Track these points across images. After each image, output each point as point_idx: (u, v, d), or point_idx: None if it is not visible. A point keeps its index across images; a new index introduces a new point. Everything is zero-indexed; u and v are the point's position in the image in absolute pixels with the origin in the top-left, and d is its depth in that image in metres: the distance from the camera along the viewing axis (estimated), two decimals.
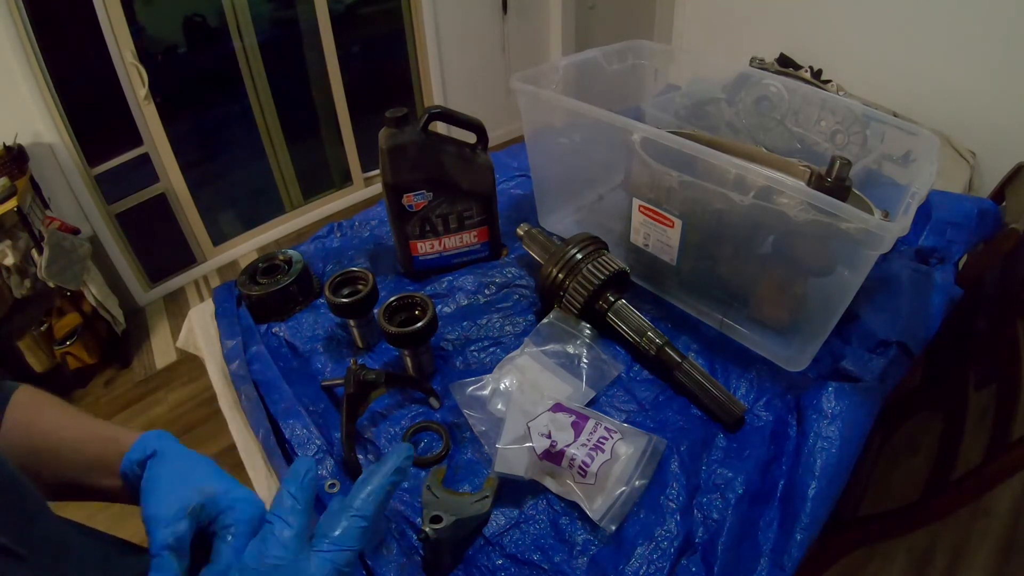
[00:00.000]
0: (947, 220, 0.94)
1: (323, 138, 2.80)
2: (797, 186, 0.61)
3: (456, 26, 2.76)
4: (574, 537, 0.56)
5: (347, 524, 0.35)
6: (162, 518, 0.35)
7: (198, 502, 0.37)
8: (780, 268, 0.71)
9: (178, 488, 0.37)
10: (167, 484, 0.38)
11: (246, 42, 2.32)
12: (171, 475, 0.38)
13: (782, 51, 2.43)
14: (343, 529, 0.35)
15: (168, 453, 0.40)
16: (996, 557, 1.28)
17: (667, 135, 0.69)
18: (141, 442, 0.40)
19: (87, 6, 1.87)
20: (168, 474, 0.38)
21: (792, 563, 0.53)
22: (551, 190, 0.99)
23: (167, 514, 0.35)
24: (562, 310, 0.77)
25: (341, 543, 0.35)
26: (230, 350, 0.79)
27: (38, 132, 1.92)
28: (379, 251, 0.98)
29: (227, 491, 0.38)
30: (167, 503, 0.36)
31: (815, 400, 0.66)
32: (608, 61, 0.98)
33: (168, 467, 0.39)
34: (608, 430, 0.60)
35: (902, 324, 0.75)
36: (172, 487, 0.37)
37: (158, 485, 0.37)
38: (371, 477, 0.38)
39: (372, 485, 0.37)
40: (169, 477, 0.38)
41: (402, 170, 0.81)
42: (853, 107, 0.85)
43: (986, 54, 1.93)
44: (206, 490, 0.38)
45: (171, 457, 0.40)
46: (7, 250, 1.73)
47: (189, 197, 2.38)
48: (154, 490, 0.37)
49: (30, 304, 1.86)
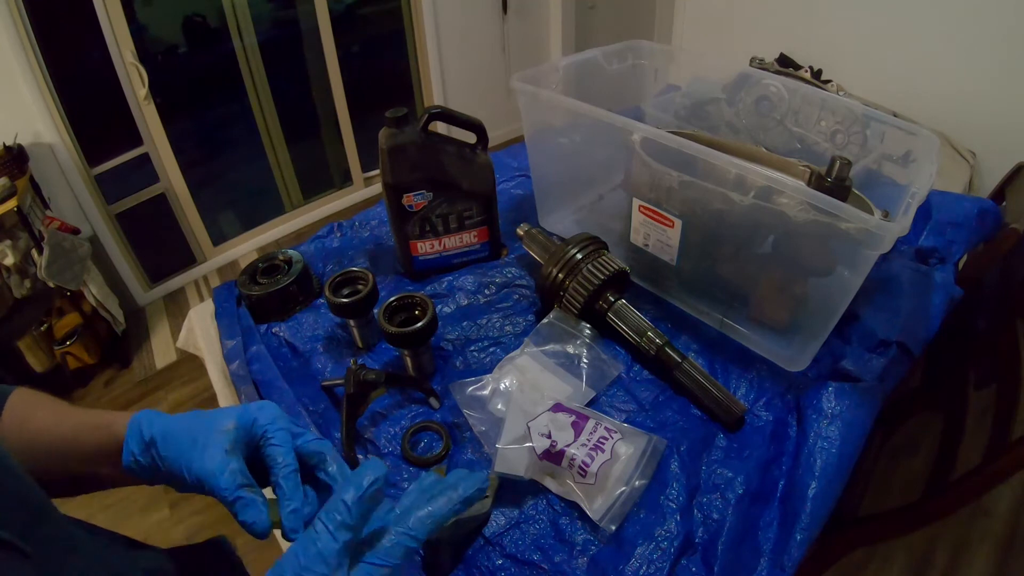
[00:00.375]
0: (947, 220, 0.94)
1: (323, 138, 2.80)
2: (797, 186, 0.60)
3: (456, 26, 2.76)
4: (574, 537, 0.56)
5: (396, 540, 0.34)
6: (214, 470, 0.37)
7: (229, 440, 0.38)
8: (780, 268, 0.71)
9: (202, 444, 0.38)
10: (190, 449, 0.38)
11: (246, 42, 2.32)
12: (185, 443, 0.39)
13: (782, 51, 2.43)
14: (391, 544, 0.34)
15: (167, 431, 0.40)
16: (996, 557, 1.28)
17: (667, 135, 0.69)
18: (133, 430, 0.40)
19: (87, 6, 1.87)
20: (182, 444, 0.39)
21: (792, 563, 0.53)
22: (551, 190, 0.99)
23: (214, 465, 0.37)
24: (562, 310, 0.77)
25: (385, 559, 0.34)
26: (230, 350, 0.79)
27: (38, 132, 1.92)
28: (379, 251, 0.98)
29: (236, 416, 0.40)
30: (208, 458, 0.37)
31: (815, 400, 0.66)
32: (608, 61, 0.98)
33: (177, 440, 0.39)
34: (608, 430, 0.60)
35: (902, 324, 0.75)
36: (197, 448, 0.38)
37: (184, 457, 0.38)
38: (436, 499, 0.36)
39: (434, 507, 0.35)
40: (186, 445, 0.39)
41: (402, 170, 0.81)
42: (853, 107, 0.85)
43: (986, 54, 1.93)
44: (224, 427, 0.39)
45: (172, 431, 0.40)
46: (7, 250, 1.73)
47: (189, 197, 2.39)
48: (186, 462, 0.38)
49: (30, 304, 1.86)
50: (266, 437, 0.40)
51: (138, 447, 0.39)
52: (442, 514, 0.36)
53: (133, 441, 0.40)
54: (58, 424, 0.43)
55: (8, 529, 0.29)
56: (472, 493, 0.37)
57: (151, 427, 0.40)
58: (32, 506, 0.32)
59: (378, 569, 0.33)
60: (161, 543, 0.48)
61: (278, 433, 0.40)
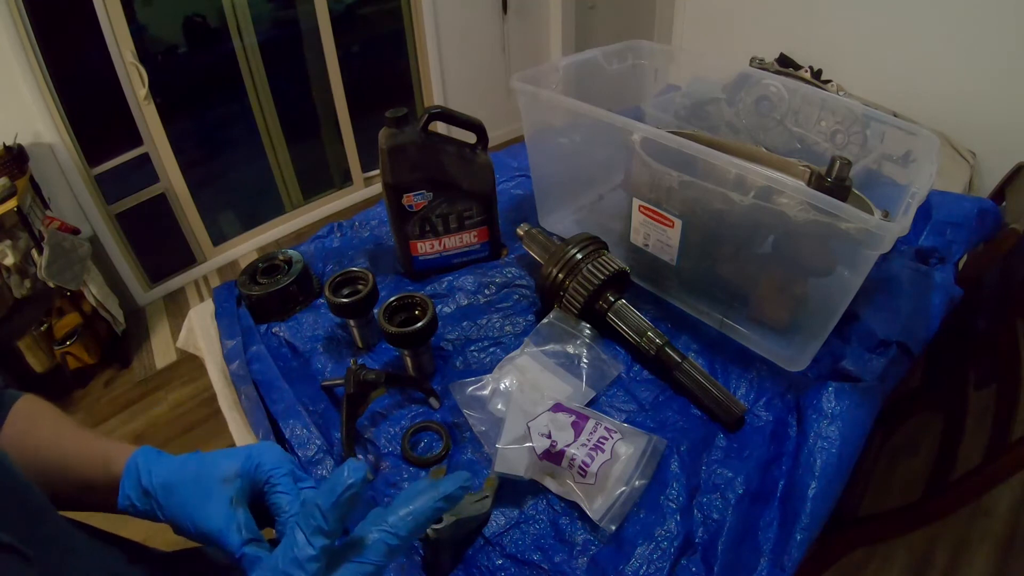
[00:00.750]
0: (947, 220, 0.94)
1: (323, 138, 2.80)
2: (797, 186, 0.60)
3: (456, 26, 2.76)
4: (574, 537, 0.56)
5: (377, 538, 0.34)
6: (220, 527, 0.37)
7: (234, 491, 0.39)
8: (780, 268, 0.71)
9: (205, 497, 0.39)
10: (194, 503, 0.39)
11: (246, 42, 2.32)
12: (188, 496, 0.39)
13: (782, 51, 2.43)
14: (373, 542, 0.34)
15: (168, 483, 0.40)
16: (996, 557, 1.28)
17: (667, 135, 0.69)
18: (130, 474, 0.40)
19: (87, 6, 1.87)
20: (185, 497, 0.39)
21: (792, 563, 0.53)
22: (551, 190, 0.99)
23: (220, 521, 0.37)
24: (562, 310, 0.77)
25: (367, 556, 0.34)
26: (230, 350, 0.79)
27: (38, 132, 1.92)
28: (379, 251, 0.98)
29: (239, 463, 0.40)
30: (213, 513, 0.38)
31: (815, 400, 0.66)
32: (608, 61, 0.98)
33: (179, 492, 0.39)
34: (608, 430, 0.60)
35: (902, 324, 0.75)
36: (201, 502, 0.39)
37: (188, 510, 0.39)
38: (418, 496, 0.36)
39: (415, 505, 0.35)
40: (189, 498, 0.39)
41: (402, 170, 0.81)
42: (853, 107, 0.85)
43: (986, 54, 1.93)
44: (226, 476, 0.39)
45: (173, 484, 0.40)
46: (7, 250, 1.73)
47: (189, 197, 2.39)
48: (191, 516, 0.38)
49: (30, 304, 1.86)
50: (271, 484, 0.40)
51: (135, 492, 0.39)
52: (423, 512, 0.35)
53: (130, 486, 0.40)
54: (55, 445, 0.43)
55: (8, 531, 0.29)
56: (454, 491, 0.37)
57: (150, 476, 0.40)
58: (32, 507, 0.33)
59: (361, 567, 0.33)
60: (160, 545, 0.48)
61: (283, 480, 0.40)
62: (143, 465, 0.40)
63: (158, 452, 0.42)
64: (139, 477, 0.39)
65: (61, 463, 0.42)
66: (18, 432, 0.43)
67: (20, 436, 0.42)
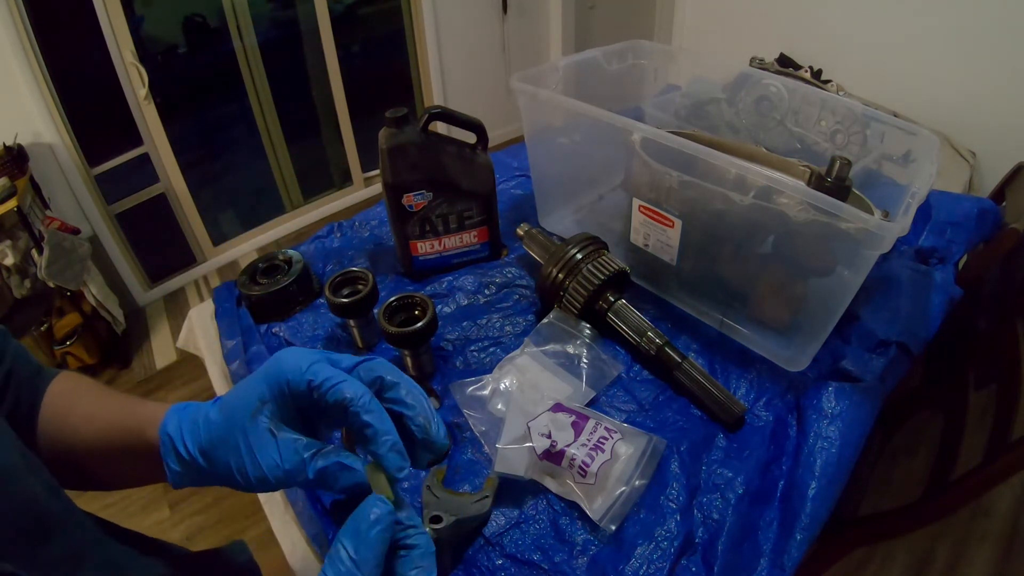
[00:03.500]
0: (947, 220, 0.94)
1: (323, 138, 2.80)
2: (797, 186, 0.61)
3: (456, 26, 2.76)
4: (574, 537, 0.56)
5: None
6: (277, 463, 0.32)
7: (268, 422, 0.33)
8: (780, 268, 0.71)
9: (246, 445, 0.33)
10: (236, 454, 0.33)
11: (246, 42, 2.32)
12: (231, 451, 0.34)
13: (782, 51, 2.43)
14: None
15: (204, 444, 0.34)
16: (996, 557, 1.28)
17: (667, 135, 0.69)
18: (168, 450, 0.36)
19: (87, 6, 1.87)
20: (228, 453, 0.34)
21: (792, 563, 0.54)
22: (551, 190, 0.99)
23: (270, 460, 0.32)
24: (562, 310, 0.77)
25: None
26: (230, 350, 0.79)
27: (38, 132, 1.92)
28: (379, 251, 0.98)
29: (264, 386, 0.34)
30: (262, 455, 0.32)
31: (815, 400, 0.66)
32: (608, 61, 0.98)
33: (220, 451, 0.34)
34: (608, 430, 0.60)
35: (902, 324, 0.75)
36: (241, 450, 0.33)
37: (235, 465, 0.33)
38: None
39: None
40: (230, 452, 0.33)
41: (402, 170, 0.81)
42: (853, 107, 0.85)
43: (986, 54, 1.93)
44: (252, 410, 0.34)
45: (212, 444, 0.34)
46: (7, 250, 1.73)
47: (189, 197, 2.39)
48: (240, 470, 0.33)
49: (30, 304, 1.86)
50: (314, 385, 0.34)
51: (178, 464, 0.36)
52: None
53: (170, 458, 0.36)
54: (93, 416, 0.40)
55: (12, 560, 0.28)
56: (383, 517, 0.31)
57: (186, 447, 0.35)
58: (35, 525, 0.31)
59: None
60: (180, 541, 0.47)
61: (319, 371, 0.34)
62: (175, 435, 0.35)
63: (185, 407, 0.37)
64: (175, 447, 0.35)
65: (103, 440, 0.39)
66: (62, 409, 0.40)
67: (59, 416, 0.40)
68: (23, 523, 0.30)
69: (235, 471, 0.33)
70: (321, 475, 0.32)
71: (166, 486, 0.39)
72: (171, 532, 1.55)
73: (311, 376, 0.34)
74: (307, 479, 0.32)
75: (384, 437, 0.33)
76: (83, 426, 0.39)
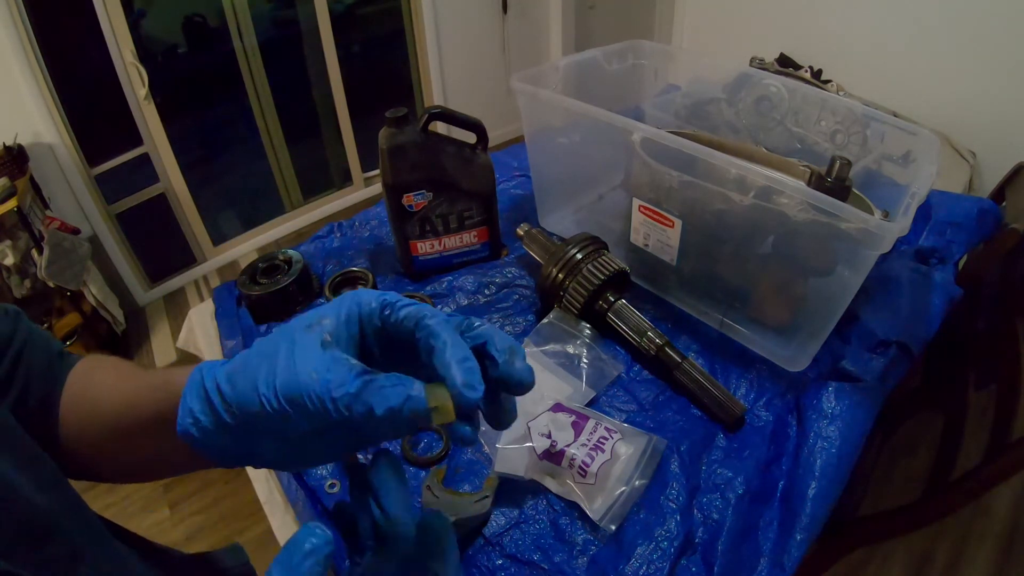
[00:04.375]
0: (947, 220, 0.94)
1: (323, 138, 2.80)
2: (797, 186, 0.61)
3: (456, 26, 2.76)
4: (574, 537, 0.56)
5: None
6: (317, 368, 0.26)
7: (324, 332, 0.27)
8: (780, 268, 0.71)
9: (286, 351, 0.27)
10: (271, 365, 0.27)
11: (246, 42, 2.32)
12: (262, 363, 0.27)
13: (782, 51, 2.43)
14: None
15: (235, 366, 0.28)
16: (996, 557, 1.28)
17: (667, 135, 0.69)
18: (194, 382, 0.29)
19: (87, 6, 1.87)
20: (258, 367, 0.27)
21: (792, 563, 0.54)
22: (551, 190, 0.99)
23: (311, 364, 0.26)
24: (562, 310, 0.77)
25: None
26: (230, 350, 0.79)
27: (38, 132, 1.92)
28: (379, 251, 0.98)
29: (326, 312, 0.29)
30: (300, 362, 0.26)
31: (815, 400, 0.66)
32: (608, 61, 0.98)
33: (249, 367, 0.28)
34: (608, 430, 0.60)
35: (902, 324, 0.75)
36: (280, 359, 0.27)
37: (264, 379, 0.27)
38: None
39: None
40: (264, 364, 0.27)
41: (402, 170, 0.81)
42: (853, 107, 0.85)
43: (986, 54, 1.93)
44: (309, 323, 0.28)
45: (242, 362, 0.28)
46: (7, 250, 1.73)
47: (189, 197, 2.38)
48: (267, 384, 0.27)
49: (30, 304, 1.86)
50: (389, 303, 0.29)
51: (199, 404, 0.29)
52: None
53: (192, 396, 0.29)
54: (117, 387, 0.35)
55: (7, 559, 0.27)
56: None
57: (215, 371, 0.29)
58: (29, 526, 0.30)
59: None
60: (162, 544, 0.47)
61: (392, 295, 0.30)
62: (207, 369, 0.29)
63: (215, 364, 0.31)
64: (203, 383, 0.29)
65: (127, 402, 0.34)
66: (79, 390, 0.37)
67: (81, 393, 0.36)
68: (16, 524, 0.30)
69: (261, 381, 0.27)
70: (366, 386, 0.26)
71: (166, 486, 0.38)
72: (171, 532, 1.55)
73: (385, 297, 0.30)
74: (347, 393, 0.25)
75: (456, 349, 0.27)
76: (105, 397, 0.35)
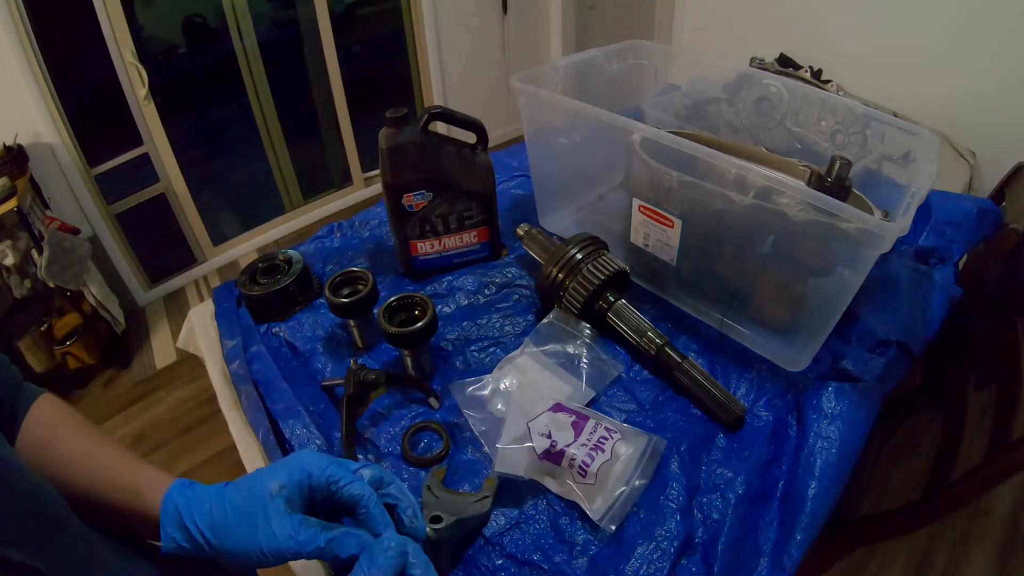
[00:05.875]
0: (947, 220, 0.94)
1: (323, 138, 2.80)
2: (797, 186, 0.61)
3: (456, 26, 2.76)
4: (574, 537, 0.56)
5: None
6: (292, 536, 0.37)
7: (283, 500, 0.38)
8: (780, 268, 0.71)
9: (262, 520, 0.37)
10: (253, 532, 0.37)
11: (246, 42, 2.32)
12: (243, 527, 0.37)
13: (782, 51, 2.42)
14: None
15: (215, 521, 0.38)
16: (996, 557, 1.28)
17: (667, 135, 0.69)
18: (169, 514, 0.38)
19: (87, 6, 1.87)
20: (241, 529, 0.37)
21: (792, 563, 0.54)
22: (551, 190, 0.99)
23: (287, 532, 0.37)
24: (562, 310, 0.77)
25: None
26: (230, 350, 0.79)
27: (38, 132, 1.92)
28: (379, 251, 0.98)
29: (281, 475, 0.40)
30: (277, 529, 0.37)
31: (815, 400, 0.66)
32: (608, 61, 0.98)
33: (231, 527, 0.38)
34: (608, 430, 0.60)
35: (902, 324, 0.75)
36: (256, 526, 0.37)
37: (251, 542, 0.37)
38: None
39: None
40: (246, 529, 0.37)
41: (402, 170, 0.81)
42: (853, 107, 0.85)
43: (986, 54, 1.92)
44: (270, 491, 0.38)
45: (222, 521, 0.38)
46: (7, 250, 1.73)
47: (189, 197, 2.38)
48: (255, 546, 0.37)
49: (30, 304, 1.86)
50: (334, 481, 0.40)
51: (180, 535, 0.38)
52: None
53: (172, 528, 0.38)
54: (81, 464, 0.40)
55: (20, 547, 0.28)
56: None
57: (192, 516, 0.38)
58: (46, 516, 0.31)
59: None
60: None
61: (340, 474, 0.40)
62: (183, 506, 0.38)
63: (190, 484, 0.40)
64: (181, 519, 0.38)
65: (89, 486, 0.39)
66: (39, 440, 0.40)
67: (41, 445, 0.40)
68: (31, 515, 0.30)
69: (251, 547, 0.37)
70: (329, 542, 0.37)
71: None
72: None
73: (330, 473, 0.40)
74: (317, 547, 0.37)
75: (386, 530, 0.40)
76: (70, 464, 0.40)
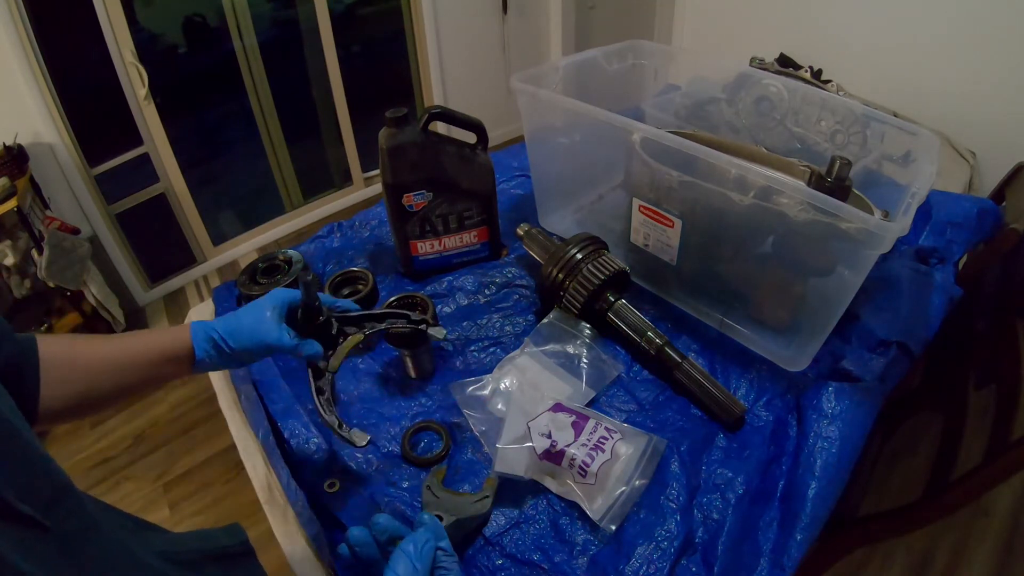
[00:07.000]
0: (947, 220, 0.94)
1: (323, 138, 2.80)
2: (797, 186, 0.61)
3: (456, 26, 2.76)
4: (574, 537, 0.56)
5: None
6: (276, 337, 0.53)
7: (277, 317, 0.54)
8: (780, 268, 0.71)
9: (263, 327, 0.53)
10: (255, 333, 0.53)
11: (246, 42, 2.32)
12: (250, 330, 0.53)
13: (782, 51, 2.42)
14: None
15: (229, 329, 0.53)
16: (996, 557, 1.28)
17: (667, 135, 0.69)
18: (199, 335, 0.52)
19: (87, 6, 1.87)
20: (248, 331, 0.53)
21: (792, 563, 0.54)
22: (551, 190, 0.99)
23: (274, 335, 0.53)
24: (562, 310, 0.77)
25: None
26: None
27: (38, 132, 1.91)
28: (379, 251, 0.98)
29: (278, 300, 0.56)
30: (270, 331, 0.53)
31: (815, 400, 0.66)
32: (608, 61, 0.98)
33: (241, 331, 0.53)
34: (608, 430, 0.60)
35: (902, 324, 0.75)
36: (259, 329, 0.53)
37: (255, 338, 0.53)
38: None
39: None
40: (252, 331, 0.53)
41: (402, 170, 0.81)
42: (853, 107, 0.85)
43: (986, 54, 1.92)
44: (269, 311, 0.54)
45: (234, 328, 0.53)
46: (7, 250, 1.73)
47: (189, 197, 2.38)
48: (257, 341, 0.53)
49: (30, 304, 1.86)
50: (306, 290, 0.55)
51: (208, 345, 0.52)
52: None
53: (202, 341, 0.52)
54: (110, 341, 0.51)
55: (30, 504, 0.29)
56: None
57: (215, 329, 0.53)
58: (54, 481, 0.32)
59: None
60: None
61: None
62: (207, 326, 0.53)
63: (209, 320, 0.54)
64: (207, 333, 0.52)
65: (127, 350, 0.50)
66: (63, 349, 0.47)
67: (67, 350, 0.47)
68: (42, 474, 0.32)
69: (253, 341, 0.53)
70: (299, 346, 0.54)
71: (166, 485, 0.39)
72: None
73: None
74: (291, 345, 0.53)
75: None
76: (102, 348, 0.49)
